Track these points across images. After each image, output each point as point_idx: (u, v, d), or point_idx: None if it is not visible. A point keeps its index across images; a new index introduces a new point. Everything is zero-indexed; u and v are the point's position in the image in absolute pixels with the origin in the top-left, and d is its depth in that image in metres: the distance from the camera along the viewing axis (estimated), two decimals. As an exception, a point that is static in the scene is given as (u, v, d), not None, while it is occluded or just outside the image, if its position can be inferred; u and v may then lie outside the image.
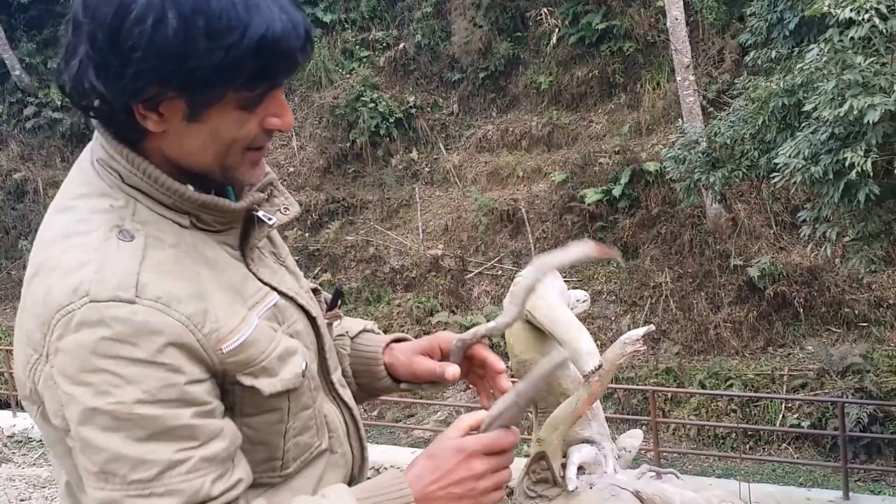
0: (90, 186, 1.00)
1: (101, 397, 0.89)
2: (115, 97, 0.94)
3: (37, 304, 0.94)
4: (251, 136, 1.00)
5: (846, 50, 4.79)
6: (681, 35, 11.12)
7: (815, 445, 9.71)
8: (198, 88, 0.93)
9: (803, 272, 10.85)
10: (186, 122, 0.97)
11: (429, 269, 13.14)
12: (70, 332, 0.90)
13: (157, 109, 0.95)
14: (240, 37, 0.91)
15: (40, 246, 0.98)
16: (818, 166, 5.14)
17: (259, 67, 0.94)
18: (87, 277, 0.91)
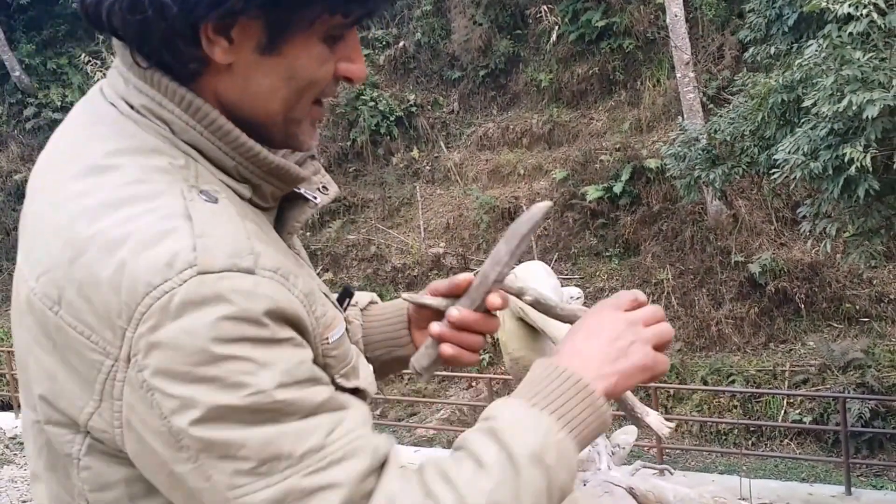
0: (132, 139, 0.78)
1: (232, 391, 0.69)
2: (183, 8, 0.72)
3: (97, 289, 0.70)
4: (327, 80, 0.82)
5: (845, 45, 4.80)
6: (680, 32, 11.13)
7: (818, 441, 9.73)
8: (288, 5, 0.74)
9: (804, 268, 10.86)
10: (259, 53, 0.77)
11: (430, 267, 13.17)
12: (170, 319, 0.68)
13: (227, 34, 0.75)
14: None
15: (70, 219, 0.74)
16: (818, 162, 5.16)
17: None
18: (183, 245, 0.70)
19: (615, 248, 12.52)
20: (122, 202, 0.73)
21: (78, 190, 0.76)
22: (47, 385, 0.76)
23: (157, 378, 0.69)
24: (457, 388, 11.97)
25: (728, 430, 10.14)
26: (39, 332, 0.75)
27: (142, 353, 0.69)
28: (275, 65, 0.78)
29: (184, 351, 0.68)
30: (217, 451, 0.70)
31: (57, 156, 0.82)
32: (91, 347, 0.71)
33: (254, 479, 0.70)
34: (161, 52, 0.76)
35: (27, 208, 0.83)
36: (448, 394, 11.80)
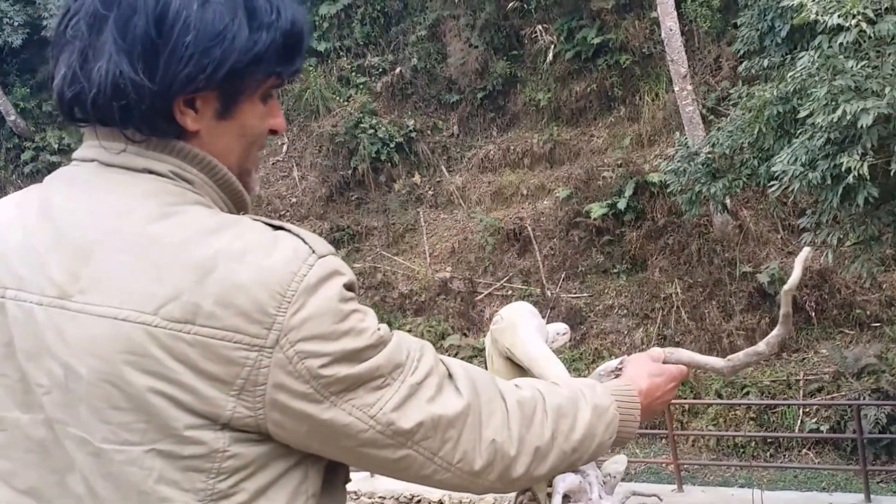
0: (177, 196, 0.92)
1: (362, 335, 0.89)
2: (161, 89, 0.88)
3: (240, 292, 0.84)
4: (265, 133, 1.00)
5: (836, 56, 4.80)
6: (676, 45, 11.16)
7: (836, 449, 9.61)
8: (239, 73, 0.91)
9: (813, 275, 10.78)
10: (216, 119, 0.94)
11: (438, 292, 13.15)
12: (311, 294, 0.86)
13: (193, 105, 0.92)
14: (276, 17, 0.93)
15: (176, 250, 0.86)
16: (816, 172, 5.14)
17: (288, 50, 0.95)
18: (296, 242, 0.89)
19: (622, 264, 12.48)
20: (218, 227, 0.89)
21: (160, 231, 0.88)
22: (186, 399, 0.85)
23: (311, 344, 0.86)
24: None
25: (745, 443, 10.03)
26: (167, 357, 0.85)
27: (292, 330, 0.85)
28: (228, 127, 0.96)
29: (325, 316, 0.86)
30: (359, 382, 0.89)
31: (81, 221, 0.91)
32: (234, 347, 0.85)
33: (385, 391, 0.90)
34: (142, 128, 0.91)
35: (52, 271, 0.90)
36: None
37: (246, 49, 0.90)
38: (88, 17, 0.90)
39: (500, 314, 2.14)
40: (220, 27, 0.89)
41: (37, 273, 0.91)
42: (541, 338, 2.12)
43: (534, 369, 2.05)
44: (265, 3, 0.93)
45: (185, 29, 0.88)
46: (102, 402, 0.87)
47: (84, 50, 0.90)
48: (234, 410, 0.86)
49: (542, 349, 2.08)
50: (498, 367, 2.21)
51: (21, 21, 15.53)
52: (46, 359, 0.89)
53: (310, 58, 16.15)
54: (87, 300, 0.87)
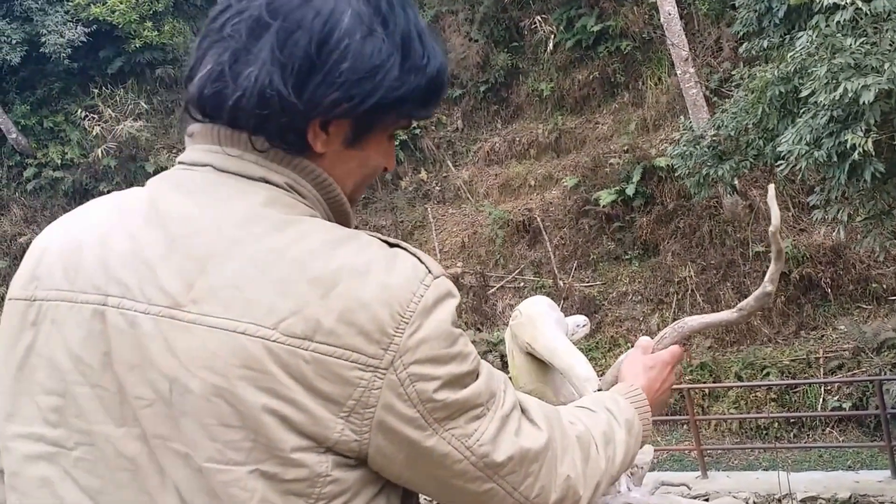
0: (293, 207, 0.92)
1: (467, 359, 0.88)
2: (307, 108, 0.88)
3: (363, 310, 0.83)
4: (381, 169, 1.01)
5: (834, 34, 4.76)
6: (676, 29, 11.09)
7: (859, 426, 9.55)
8: (381, 109, 0.91)
9: (826, 252, 10.70)
10: (344, 146, 0.94)
11: (450, 288, 13.15)
12: (427, 315, 0.85)
13: (327, 129, 0.92)
14: (426, 62, 0.93)
15: (298, 264, 0.84)
16: (821, 150, 5.11)
17: (429, 96, 0.95)
18: (413, 261, 0.88)
19: (634, 250, 12.43)
20: (340, 241, 0.87)
21: (283, 243, 0.86)
22: (297, 418, 0.83)
23: (423, 367, 0.85)
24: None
25: (768, 425, 9.98)
26: (283, 374, 0.82)
27: (409, 352, 0.84)
28: (353, 156, 0.96)
29: (438, 337, 0.86)
30: (462, 409, 0.88)
31: (192, 229, 0.89)
32: (350, 367, 0.83)
33: (481, 421, 0.89)
34: (273, 139, 0.91)
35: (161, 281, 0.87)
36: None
37: (393, 88, 0.90)
38: (251, 20, 0.89)
39: (519, 309, 2.16)
40: (377, 62, 0.89)
41: (145, 282, 0.87)
42: (560, 331, 2.14)
43: (555, 363, 2.07)
44: (420, 47, 0.93)
45: (343, 56, 0.88)
46: (212, 418, 0.83)
47: (237, 52, 0.89)
48: (341, 433, 0.84)
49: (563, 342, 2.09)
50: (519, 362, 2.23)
51: (19, 39, 15.43)
52: (150, 371, 0.85)
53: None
54: (203, 311, 0.84)
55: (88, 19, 15.54)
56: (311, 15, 0.88)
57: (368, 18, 0.90)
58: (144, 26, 15.92)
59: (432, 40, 0.96)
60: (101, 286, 0.89)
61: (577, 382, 2.02)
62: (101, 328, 0.88)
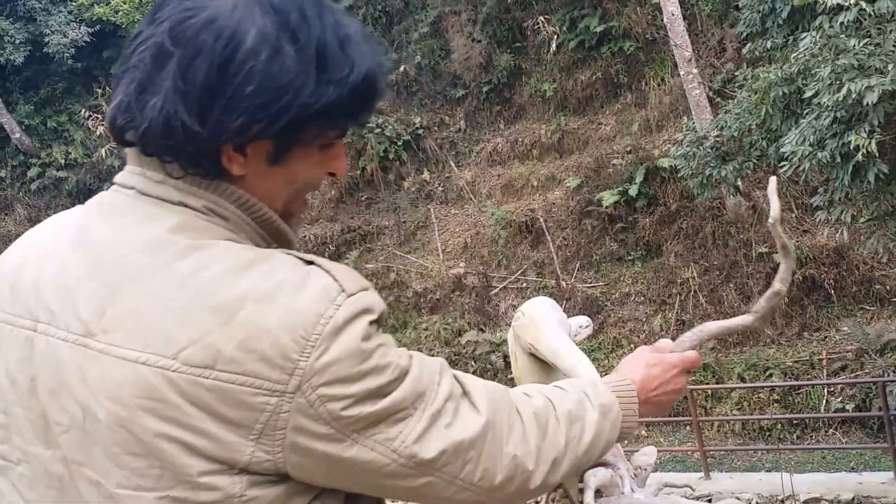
0: (209, 232, 0.90)
1: (385, 371, 0.87)
2: (210, 136, 0.86)
3: (266, 336, 0.82)
4: (320, 179, 0.98)
5: (838, 35, 4.76)
6: (679, 30, 11.08)
7: (862, 427, 9.53)
8: (297, 127, 0.87)
9: (830, 253, 10.68)
10: (267, 165, 0.91)
11: (452, 289, 13.15)
12: (336, 336, 0.84)
13: (243, 151, 0.89)
14: (348, 73, 0.88)
15: (200, 291, 0.84)
16: (825, 151, 5.10)
17: (356, 105, 0.91)
18: (327, 281, 0.86)
19: (637, 251, 12.42)
20: (246, 265, 0.86)
21: (187, 270, 0.85)
22: (201, 445, 0.83)
23: (333, 387, 0.83)
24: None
25: (771, 426, 9.96)
26: (186, 404, 0.83)
27: (317, 375, 0.83)
28: (279, 173, 0.93)
29: (349, 359, 0.84)
30: (381, 417, 0.87)
31: (113, 256, 0.89)
32: (254, 392, 0.82)
33: (406, 422, 0.88)
34: (186, 166, 0.89)
35: (78, 310, 0.88)
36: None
37: (308, 104, 0.87)
38: (155, 48, 0.87)
39: (521, 310, 2.15)
40: (284, 82, 0.85)
41: (66, 308, 0.88)
42: (563, 331, 2.13)
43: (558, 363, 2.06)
44: (340, 56, 0.89)
45: (247, 79, 0.85)
46: (118, 446, 0.85)
47: (143, 82, 0.88)
48: (252, 455, 0.84)
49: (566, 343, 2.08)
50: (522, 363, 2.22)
51: (23, 39, 15.51)
52: (66, 398, 0.87)
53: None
54: (110, 340, 0.85)
55: (92, 19, 15.59)
56: (212, 39, 0.85)
57: (275, 35, 0.86)
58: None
59: (363, 44, 0.91)
60: (33, 310, 0.91)
61: (580, 384, 2.03)
62: (30, 353, 0.90)
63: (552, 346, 2.02)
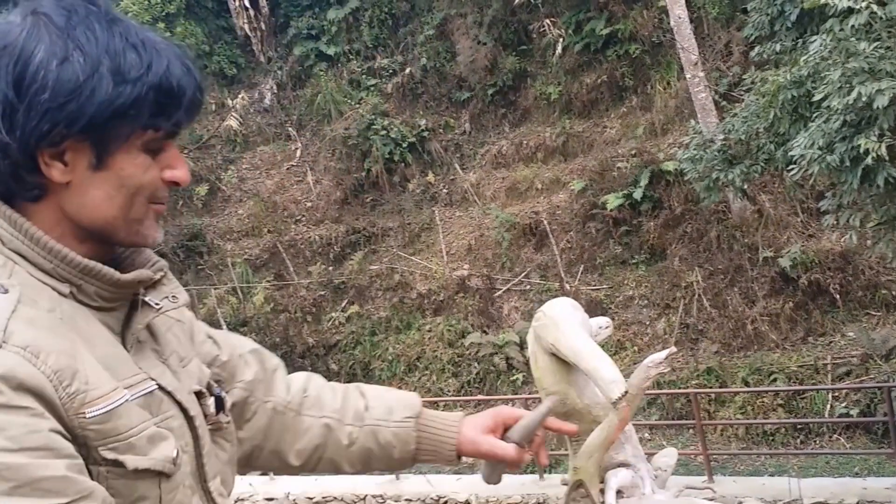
0: None
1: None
2: (20, 144, 0.93)
3: None
4: (155, 184, 1.01)
5: (848, 38, 4.74)
6: (686, 33, 11.08)
7: (867, 433, 9.50)
8: (104, 128, 0.94)
9: (835, 258, 10.66)
10: (92, 170, 0.97)
11: (456, 290, 13.14)
12: None
13: (62, 158, 0.95)
14: (144, 72, 0.95)
15: None
16: (834, 155, 5.08)
17: (162, 103, 0.97)
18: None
19: (641, 254, 12.41)
20: None
21: None
22: None
23: None
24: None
25: (775, 431, 9.94)
26: None
27: None
28: (105, 178, 0.97)
29: None
30: None
31: None
32: None
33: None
34: (8, 182, 0.96)
35: None
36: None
37: (106, 103, 0.93)
38: None
39: (542, 311, 2.16)
40: (77, 84, 0.92)
41: None
42: (585, 332, 2.13)
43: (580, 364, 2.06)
44: (135, 57, 0.95)
45: (41, 88, 0.92)
46: None
47: None
48: None
49: (588, 344, 2.09)
50: (543, 364, 2.23)
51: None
52: None
53: (320, 62, 16.21)
54: None
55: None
56: (6, 61, 0.93)
57: (62, 48, 0.93)
58: (157, 27, 16.02)
59: (163, 48, 0.98)
60: None
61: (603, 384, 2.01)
62: None
63: (574, 346, 2.03)
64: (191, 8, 17.04)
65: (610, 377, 2.00)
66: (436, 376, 12.33)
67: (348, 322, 13.37)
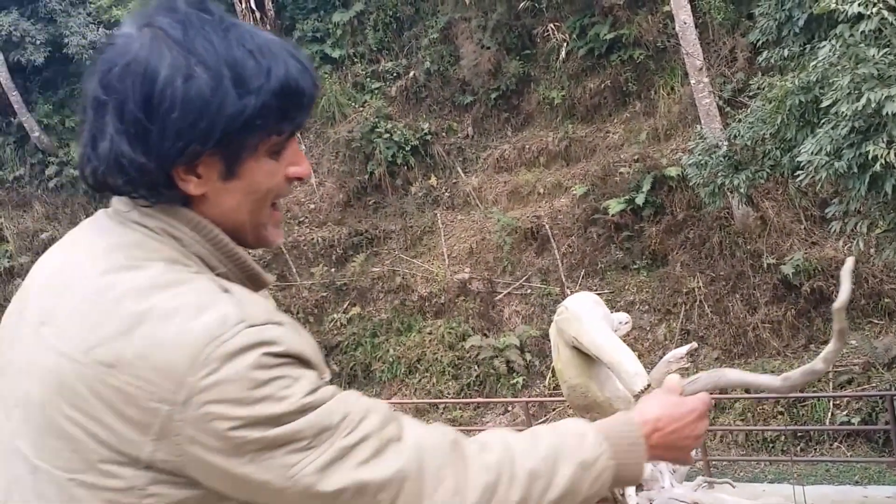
0: (152, 252, 0.99)
1: (283, 402, 0.92)
2: (157, 164, 0.96)
3: (160, 349, 0.91)
4: (280, 186, 1.04)
5: (858, 44, 4.75)
6: (691, 38, 11.09)
7: (868, 441, 9.48)
8: (234, 139, 0.96)
9: (839, 265, 10.62)
10: (223, 180, 0.99)
11: (457, 293, 13.13)
12: (226, 361, 0.90)
13: (195, 171, 0.98)
14: (265, 79, 0.96)
15: (114, 302, 0.94)
16: (842, 161, 5.08)
17: (284, 108, 0.98)
18: (230, 310, 0.93)
19: (642, 259, 12.40)
20: (164, 286, 0.94)
21: (113, 282, 0.95)
22: (105, 435, 0.92)
23: (220, 406, 0.89)
24: (493, 414, 11.88)
25: (775, 438, 9.92)
26: (92, 397, 0.92)
27: (203, 391, 0.89)
28: (237, 186, 1.01)
29: (239, 382, 0.90)
30: (276, 444, 0.91)
31: (73, 262, 1.03)
32: (147, 397, 0.90)
33: (308, 453, 0.93)
34: (147, 196, 0.99)
35: (43, 302, 1.01)
36: (485, 420, 11.71)
37: (234, 115, 0.95)
38: (94, 101, 0.99)
39: (565, 305, 2.18)
40: (204, 100, 0.94)
41: (36, 298, 1.03)
42: (607, 326, 2.15)
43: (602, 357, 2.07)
44: (254, 66, 0.96)
45: (170, 107, 0.94)
46: (43, 426, 0.96)
47: (93, 132, 0.99)
48: (152, 453, 0.91)
49: (610, 338, 2.10)
50: (565, 357, 2.24)
51: (43, 39, 15.86)
52: (21, 376, 0.99)
53: (324, 65, 16.22)
54: (50, 332, 0.97)
55: (110, 21, 15.93)
56: (131, 80, 0.95)
57: (185, 63, 0.94)
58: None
59: (278, 50, 0.99)
60: (26, 293, 1.06)
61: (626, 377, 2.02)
62: (14, 331, 1.03)
63: (596, 340, 2.04)
64: (197, 9, 17.15)
65: (633, 370, 2.00)
66: (436, 378, 12.32)
67: (350, 323, 13.37)
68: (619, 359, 1.90)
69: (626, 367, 1.86)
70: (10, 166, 16.98)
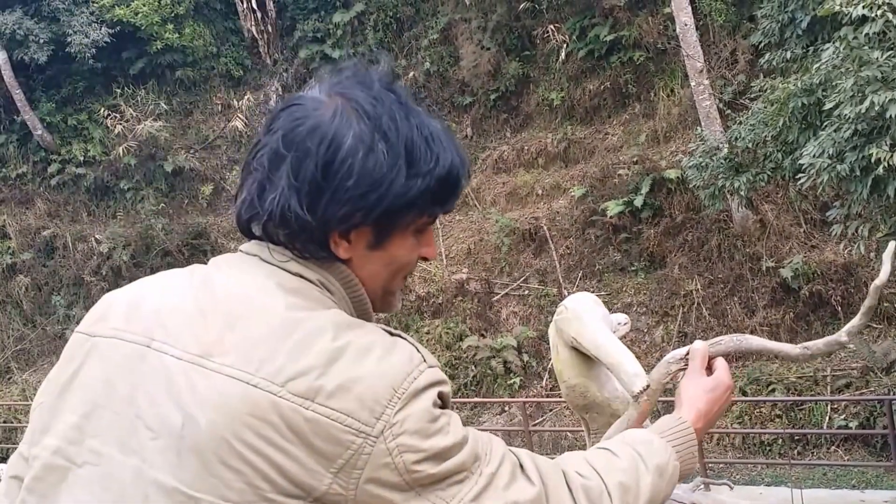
0: (317, 302, 1.04)
1: (451, 434, 0.98)
2: (319, 225, 1.00)
3: (360, 381, 0.95)
4: (413, 262, 1.10)
5: (862, 47, 4.73)
6: (691, 40, 11.08)
7: (866, 445, 9.47)
8: (393, 215, 1.01)
9: (838, 269, 10.65)
10: (369, 249, 1.05)
11: (455, 293, 13.11)
12: (417, 396, 0.96)
13: (348, 237, 1.03)
14: (434, 166, 1.02)
15: (308, 338, 0.97)
16: (844, 164, 5.07)
17: (442, 193, 1.04)
18: (412, 349, 1.00)
19: (640, 261, 12.38)
20: (349, 325, 1.00)
21: (298, 318, 0.99)
22: (288, 466, 0.94)
23: (409, 438, 0.95)
24: (490, 414, 11.86)
25: (772, 441, 9.90)
26: (284, 426, 0.94)
27: (397, 425, 0.95)
28: (379, 256, 1.07)
29: (422, 415, 0.96)
30: (444, 477, 0.97)
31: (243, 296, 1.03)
32: (344, 430, 0.94)
33: (464, 484, 0.99)
34: (302, 251, 1.04)
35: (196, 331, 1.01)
36: (481, 420, 11.68)
37: (400, 194, 1.00)
38: (271, 153, 1.02)
39: (564, 304, 2.16)
40: (380, 175, 0.99)
41: (185, 332, 1.01)
42: (606, 327, 2.12)
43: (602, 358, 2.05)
44: (426, 151, 1.02)
45: (347, 174, 0.99)
46: (213, 455, 0.94)
47: (263, 182, 1.03)
48: (329, 486, 0.94)
49: (610, 339, 2.07)
50: (563, 357, 2.21)
51: (46, 38, 15.90)
52: (167, 406, 0.97)
53: (325, 65, 16.22)
54: (225, 362, 0.97)
55: (112, 21, 16.02)
56: (317, 142, 1.00)
57: (370, 137, 1.00)
58: (166, 28, 16.38)
59: (445, 140, 1.05)
60: (149, 329, 1.03)
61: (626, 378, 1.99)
62: (138, 364, 1.01)
63: (596, 341, 2.01)
64: (199, 9, 17.15)
65: (633, 371, 1.99)
66: (433, 379, 12.28)
67: (347, 323, 13.34)
68: (618, 359, 1.89)
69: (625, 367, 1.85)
70: (12, 164, 17.03)
